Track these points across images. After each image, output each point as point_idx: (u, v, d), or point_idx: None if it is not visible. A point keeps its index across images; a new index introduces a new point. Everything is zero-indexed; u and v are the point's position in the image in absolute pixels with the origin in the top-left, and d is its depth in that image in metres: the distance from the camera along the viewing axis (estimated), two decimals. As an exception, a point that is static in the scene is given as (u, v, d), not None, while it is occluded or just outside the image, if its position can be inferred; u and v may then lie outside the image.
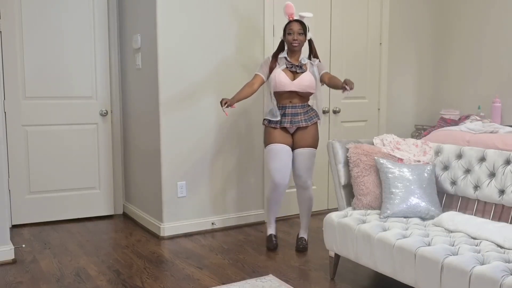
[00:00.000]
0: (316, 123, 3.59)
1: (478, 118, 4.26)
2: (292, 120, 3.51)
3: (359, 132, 4.90)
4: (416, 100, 5.31)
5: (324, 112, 4.65)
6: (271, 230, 3.78)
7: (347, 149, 3.20)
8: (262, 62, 3.63)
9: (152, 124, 4.00)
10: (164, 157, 3.92)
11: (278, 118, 3.50)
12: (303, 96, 3.56)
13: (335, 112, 4.72)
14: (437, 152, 3.20)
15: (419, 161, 3.16)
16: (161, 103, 3.87)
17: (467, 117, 4.48)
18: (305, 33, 3.54)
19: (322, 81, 3.60)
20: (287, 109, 3.53)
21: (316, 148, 3.61)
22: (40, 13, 4.20)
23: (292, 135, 3.57)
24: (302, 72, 3.52)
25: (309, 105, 3.63)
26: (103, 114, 4.51)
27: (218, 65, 4.07)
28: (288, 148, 3.54)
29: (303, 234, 3.75)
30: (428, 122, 5.37)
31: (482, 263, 2.17)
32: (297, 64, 3.54)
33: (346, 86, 3.20)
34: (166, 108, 3.89)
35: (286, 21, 3.61)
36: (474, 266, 2.14)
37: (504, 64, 4.78)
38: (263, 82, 3.57)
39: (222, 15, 4.06)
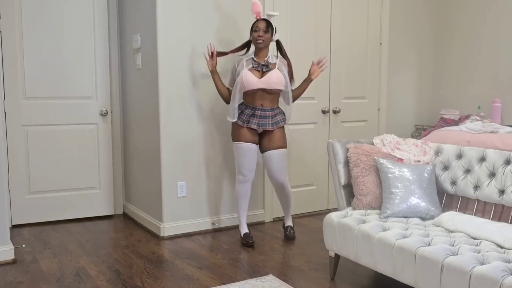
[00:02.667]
0: (282, 126, 3.72)
1: (478, 118, 4.26)
2: (260, 123, 3.63)
3: (359, 132, 4.90)
4: (416, 100, 5.32)
5: (324, 112, 4.66)
6: (243, 229, 3.82)
7: (347, 149, 3.20)
8: (232, 69, 3.73)
9: (152, 124, 4.00)
10: (164, 157, 3.92)
11: (234, 120, 3.65)
12: (273, 98, 3.65)
13: (335, 112, 4.72)
14: (437, 152, 3.20)
15: (419, 161, 3.16)
16: (161, 103, 3.87)
17: (467, 117, 4.48)
18: (271, 32, 3.61)
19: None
20: (256, 111, 3.63)
21: (285, 147, 3.74)
22: (40, 13, 4.20)
23: (260, 134, 3.70)
24: (269, 71, 3.60)
25: (279, 108, 3.73)
26: (103, 114, 4.51)
27: (218, 65, 4.06)
28: (255, 146, 3.69)
29: (289, 222, 3.97)
30: (428, 122, 5.37)
31: (482, 263, 2.17)
32: (263, 63, 3.62)
33: (315, 63, 3.56)
34: (166, 108, 3.89)
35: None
36: (474, 266, 2.14)
37: (504, 64, 4.78)
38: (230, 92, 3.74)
39: (222, 14, 4.06)
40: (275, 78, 3.56)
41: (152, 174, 4.08)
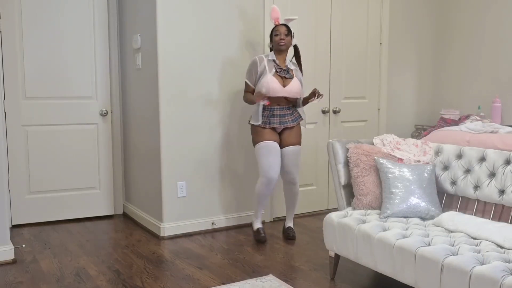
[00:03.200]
0: (299, 122, 3.84)
1: (478, 118, 4.26)
2: (281, 121, 3.72)
3: (359, 132, 4.90)
4: (416, 100, 5.32)
5: (324, 112, 4.66)
6: (258, 224, 3.92)
7: (347, 149, 3.20)
8: (250, 66, 3.74)
9: (152, 124, 4.00)
10: (164, 157, 3.92)
11: (259, 123, 3.69)
12: (290, 100, 3.76)
13: (335, 112, 4.72)
14: (437, 152, 3.20)
15: (419, 161, 3.16)
16: (161, 103, 3.87)
17: (467, 117, 4.48)
18: (291, 36, 3.72)
19: None
20: (275, 111, 3.71)
21: (300, 145, 3.83)
22: (40, 13, 4.20)
23: (279, 134, 3.77)
24: (290, 78, 3.70)
25: (294, 106, 3.82)
26: (103, 114, 4.51)
27: (218, 65, 4.07)
28: (278, 146, 3.74)
29: (291, 224, 4.02)
30: (428, 122, 5.37)
31: (482, 263, 2.17)
32: (284, 68, 3.71)
33: (317, 93, 3.57)
34: (166, 108, 3.89)
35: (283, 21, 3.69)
36: (474, 266, 2.14)
37: (504, 64, 4.78)
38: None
39: (222, 15, 4.06)
40: (297, 88, 3.69)
41: (152, 174, 4.08)
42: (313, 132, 4.62)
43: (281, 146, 3.77)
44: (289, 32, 3.70)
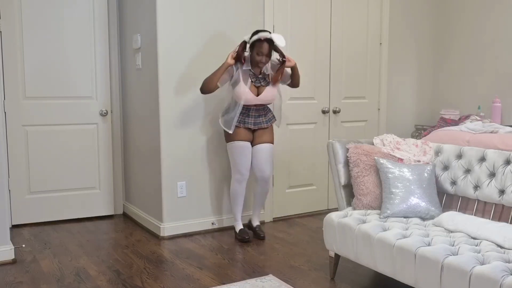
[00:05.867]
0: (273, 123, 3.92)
1: (478, 118, 4.26)
2: (255, 122, 3.79)
3: (359, 132, 4.90)
4: (416, 100, 5.32)
5: (324, 112, 4.66)
6: (239, 225, 3.95)
7: (347, 149, 3.20)
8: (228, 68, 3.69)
9: (152, 124, 4.00)
10: (164, 157, 3.92)
11: (231, 131, 3.72)
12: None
13: (335, 112, 4.72)
14: (437, 152, 3.20)
15: (419, 161, 3.16)
16: (161, 103, 3.87)
17: (467, 117, 4.48)
18: (270, 55, 3.68)
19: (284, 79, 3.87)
20: (250, 112, 3.77)
21: (273, 144, 3.90)
22: (40, 13, 4.20)
23: (252, 132, 3.82)
24: (266, 85, 3.73)
25: (268, 107, 3.89)
26: (103, 114, 4.51)
27: (218, 65, 4.07)
28: (250, 145, 3.82)
29: (258, 221, 4.05)
30: (428, 122, 5.37)
31: (482, 263, 2.17)
32: (260, 75, 3.74)
33: (284, 59, 3.61)
34: (166, 108, 3.89)
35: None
36: (474, 266, 2.14)
37: (504, 64, 4.78)
38: (217, 88, 3.71)
39: (222, 15, 4.06)
40: (271, 96, 3.75)
41: (152, 174, 4.08)
42: (313, 132, 4.62)
43: (254, 143, 3.82)
44: (271, 51, 3.63)
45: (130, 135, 4.51)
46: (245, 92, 3.66)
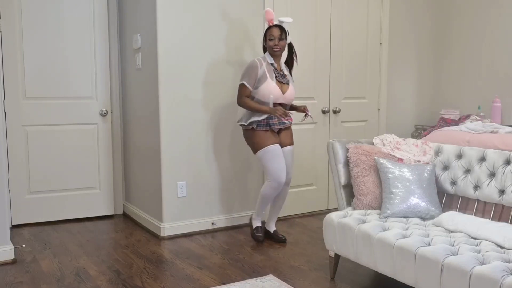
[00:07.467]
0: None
1: (478, 118, 4.26)
2: (280, 121, 3.68)
3: (359, 132, 4.90)
4: (416, 100, 5.32)
5: (324, 112, 4.66)
6: (258, 222, 3.91)
7: (347, 149, 3.20)
8: (249, 69, 3.62)
9: (152, 124, 4.00)
10: (164, 157, 3.92)
11: (262, 119, 3.59)
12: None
13: (335, 112, 4.72)
14: (437, 152, 3.20)
15: (419, 161, 3.16)
16: (161, 103, 3.87)
17: (467, 117, 4.48)
18: (285, 38, 3.67)
19: None
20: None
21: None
22: (40, 13, 4.20)
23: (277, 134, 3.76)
24: (287, 83, 3.70)
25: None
26: (103, 114, 4.51)
27: (218, 65, 4.07)
28: (280, 148, 3.72)
29: (274, 226, 3.96)
30: (428, 122, 5.37)
31: (482, 263, 2.17)
32: (281, 72, 3.70)
33: (307, 112, 3.63)
34: (166, 108, 3.89)
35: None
36: (474, 266, 2.14)
37: (504, 64, 4.78)
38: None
39: (222, 15, 4.06)
40: (293, 95, 3.72)
41: (152, 174, 4.08)
42: (313, 132, 4.62)
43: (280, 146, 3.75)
44: (283, 34, 3.63)
45: (130, 135, 4.51)
46: (275, 87, 3.58)
